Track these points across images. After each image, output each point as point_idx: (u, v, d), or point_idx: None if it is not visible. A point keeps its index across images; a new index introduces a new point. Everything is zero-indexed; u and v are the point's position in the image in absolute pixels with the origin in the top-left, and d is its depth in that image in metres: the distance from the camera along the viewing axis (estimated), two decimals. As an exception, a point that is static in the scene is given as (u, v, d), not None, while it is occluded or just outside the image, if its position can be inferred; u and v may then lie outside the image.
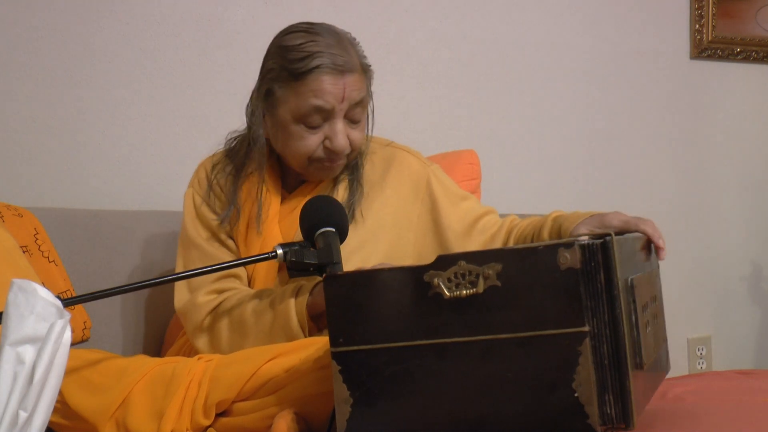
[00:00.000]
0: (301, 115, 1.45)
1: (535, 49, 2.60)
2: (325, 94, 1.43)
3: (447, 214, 1.58)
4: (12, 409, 0.95)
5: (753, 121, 2.93)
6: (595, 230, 1.38)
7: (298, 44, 1.45)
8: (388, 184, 1.58)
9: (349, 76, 1.44)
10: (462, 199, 1.62)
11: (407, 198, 1.59)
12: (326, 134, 1.47)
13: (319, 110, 1.44)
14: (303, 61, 1.43)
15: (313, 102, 1.43)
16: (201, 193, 1.57)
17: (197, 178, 1.60)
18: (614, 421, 0.95)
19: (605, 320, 0.95)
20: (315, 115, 1.45)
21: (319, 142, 1.47)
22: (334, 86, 1.43)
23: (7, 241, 1.63)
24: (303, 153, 1.48)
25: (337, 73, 1.43)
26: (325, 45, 1.44)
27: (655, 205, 2.74)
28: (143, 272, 1.91)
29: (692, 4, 2.79)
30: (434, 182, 1.60)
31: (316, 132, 1.47)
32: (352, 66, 1.45)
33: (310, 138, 1.47)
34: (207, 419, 1.26)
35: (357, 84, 1.46)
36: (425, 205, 1.60)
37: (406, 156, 1.62)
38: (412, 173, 1.60)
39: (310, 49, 1.43)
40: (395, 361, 1.01)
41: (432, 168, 1.63)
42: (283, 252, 1.32)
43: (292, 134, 1.47)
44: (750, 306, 2.95)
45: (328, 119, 1.46)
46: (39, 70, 2.07)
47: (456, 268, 0.99)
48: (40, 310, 0.99)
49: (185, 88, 2.19)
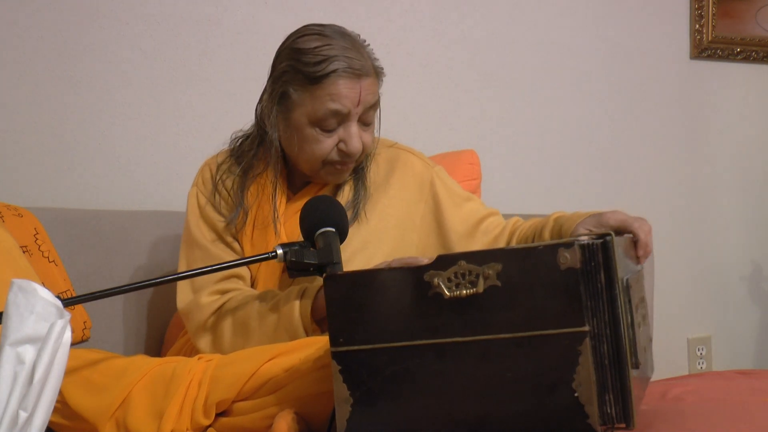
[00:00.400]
0: (317, 118, 1.45)
1: (536, 49, 2.60)
2: (342, 98, 1.43)
3: (450, 216, 1.59)
4: (12, 409, 0.95)
5: (753, 121, 2.93)
6: (593, 229, 1.38)
7: (313, 47, 1.45)
8: (392, 185, 1.59)
9: (365, 80, 1.46)
10: (465, 200, 1.63)
11: (411, 199, 1.59)
12: (341, 137, 1.47)
13: (335, 114, 1.45)
14: (320, 65, 1.43)
15: (330, 106, 1.44)
16: (206, 193, 1.57)
17: (201, 178, 1.60)
18: (614, 421, 0.95)
19: (605, 320, 0.95)
20: (331, 119, 1.45)
21: (334, 145, 1.48)
22: (351, 90, 1.44)
23: (7, 241, 1.63)
24: (318, 156, 1.48)
25: (354, 77, 1.44)
26: (341, 48, 1.44)
27: (655, 205, 2.74)
28: (143, 272, 1.91)
29: (692, 4, 2.79)
30: (438, 183, 1.61)
31: (331, 135, 1.47)
32: (367, 70, 1.46)
33: (326, 141, 1.47)
34: (207, 419, 1.26)
35: (372, 87, 1.48)
36: (429, 207, 1.60)
37: (410, 157, 1.63)
38: (415, 174, 1.61)
39: (326, 53, 1.43)
40: (395, 360, 1.01)
41: (436, 169, 1.63)
42: (283, 252, 1.32)
43: (307, 137, 1.47)
44: (750, 306, 2.95)
45: (343, 122, 1.47)
46: (39, 70, 2.07)
47: (456, 267, 0.99)
48: (40, 310, 0.99)
49: (185, 88, 2.19)
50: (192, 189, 1.60)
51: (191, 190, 1.60)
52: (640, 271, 1.20)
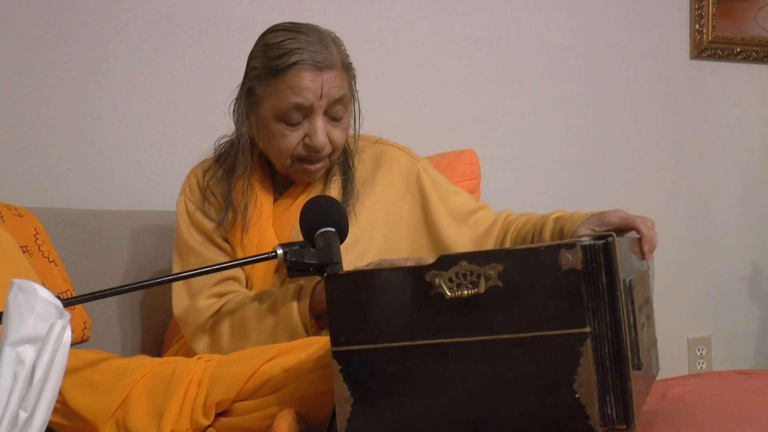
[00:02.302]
0: (281, 112, 1.45)
1: (536, 48, 2.60)
2: (303, 90, 1.43)
3: (437, 208, 1.59)
4: (12, 409, 0.95)
5: (753, 121, 2.93)
6: (595, 229, 1.38)
7: (278, 42, 1.45)
8: (378, 181, 1.59)
9: (328, 73, 1.44)
10: (452, 193, 1.63)
11: (398, 194, 1.59)
12: (306, 132, 1.47)
13: (298, 107, 1.44)
14: (281, 57, 1.43)
15: (292, 99, 1.43)
16: (194, 200, 1.57)
17: (188, 186, 1.60)
18: (615, 422, 0.95)
19: (606, 321, 0.95)
20: (294, 113, 1.45)
21: (299, 139, 1.47)
22: (312, 82, 1.43)
23: (7, 241, 1.63)
24: (284, 151, 1.48)
25: (316, 69, 1.43)
26: (305, 42, 1.44)
27: (654, 204, 2.74)
28: (143, 272, 1.91)
29: (692, 4, 2.79)
30: (424, 176, 1.61)
31: (297, 129, 1.47)
32: (331, 63, 1.45)
33: (291, 135, 1.47)
34: (207, 419, 1.25)
35: (336, 81, 1.46)
36: (416, 200, 1.60)
37: (395, 151, 1.62)
38: (401, 168, 1.60)
39: (289, 46, 1.43)
40: (396, 360, 1.01)
41: (421, 163, 1.63)
42: (283, 252, 1.32)
43: (273, 132, 1.47)
44: (750, 306, 2.95)
45: (308, 116, 1.46)
46: (38, 70, 2.07)
47: (457, 268, 0.99)
48: (40, 310, 0.99)
49: (185, 88, 2.19)
50: (180, 197, 1.60)
51: (179, 198, 1.60)
52: (645, 271, 1.20)
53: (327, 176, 1.57)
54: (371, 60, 2.37)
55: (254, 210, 1.53)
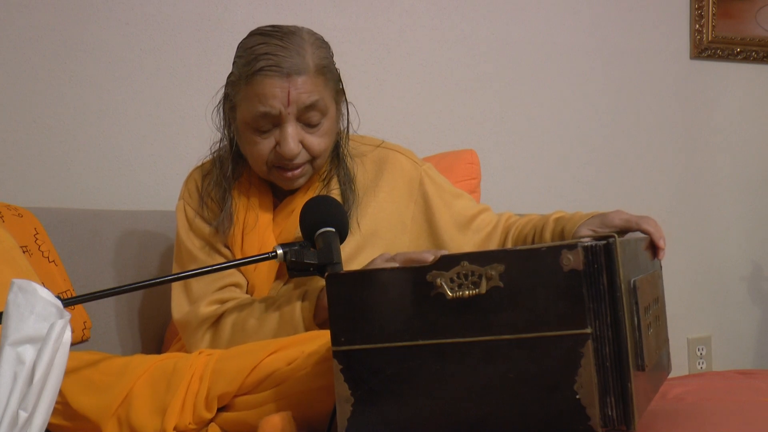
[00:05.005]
0: (251, 119, 1.42)
1: (536, 48, 2.60)
2: (268, 98, 1.39)
3: (441, 215, 1.58)
4: (12, 409, 0.95)
5: (753, 121, 2.93)
6: (597, 230, 1.38)
7: (250, 46, 1.42)
8: (381, 187, 1.56)
9: (296, 78, 1.39)
10: (455, 197, 1.61)
11: (401, 200, 1.57)
12: (276, 139, 1.43)
13: (264, 115, 1.40)
14: (248, 64, 1.40)
15: (258, 107, 1.40)
16: (193, 205, 1.56)
17: (187, 190, 1.58)
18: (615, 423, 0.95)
19: (607, 322, 0.95)
20: (262, 121, 1.41)
21: (271, 147, 1.44)
22: (278, 89, 1.38)
23: (7, 241, 1.62)
24: (257, 158, 1.45)
25: (281, 75, 1.38)
26: (275, 47, 1.39)
27: (655, 205, 2.74)
28: (143, 272, 1.91)
29: (692, 4, 2.79)
30: (427, 182, 1.59)
31: (268, 137, 1.43)
32: (299, 68, 1.39)
33: (262, 143, 1.44)
34: (209, 412, 1.25)
35: (306, 86, 1.40)
36: (419, 206, 1.58)
37: (398, 157, 1.59)
38: (404, 174, 1.58)
39: (258, 51, 1.40)
40: (397, 360, 1.01)
41: (424, 167, 1.61)
42: (283, 252, 1.32)
43: (247, 140, 1.45)
44: (750, 306, 2.95)
45: (278, 124, 1.42)
46: (39, 70, 2.07)
47: (459, 268, 0.98)
48: (40, 310, 0.99)
49: (185, 88, 2.19)
50: (179, 203, 1.59)
51: (178, 203, 1.59)
52: (655, 271, 1.20)
53: (327, 183, 1.54)
54: (371, 60, 2.37)
55: (253, 215, 1.52)
